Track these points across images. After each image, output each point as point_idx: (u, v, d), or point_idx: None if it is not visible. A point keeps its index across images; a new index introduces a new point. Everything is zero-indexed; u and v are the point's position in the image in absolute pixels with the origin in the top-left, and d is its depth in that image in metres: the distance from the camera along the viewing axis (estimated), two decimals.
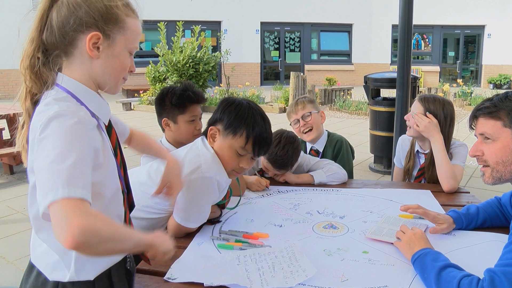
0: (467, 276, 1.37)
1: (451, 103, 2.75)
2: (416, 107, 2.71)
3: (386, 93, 7.05)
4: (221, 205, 2.05)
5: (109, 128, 1.33)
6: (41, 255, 1.28)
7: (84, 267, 1.26)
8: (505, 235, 1.81)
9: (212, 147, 1.86)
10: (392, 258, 1.69)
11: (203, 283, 1.47)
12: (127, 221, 1.40)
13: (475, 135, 1.70)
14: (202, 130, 2.13)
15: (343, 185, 2.66)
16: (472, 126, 1.70)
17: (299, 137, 3.03)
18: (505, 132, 1.57)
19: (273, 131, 2.55)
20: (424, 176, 2.78)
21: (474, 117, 1.68)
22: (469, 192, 2.55)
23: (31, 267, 1.32)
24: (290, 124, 3.08)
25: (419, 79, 6.62)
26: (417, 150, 2.83)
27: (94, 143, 1.18)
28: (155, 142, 1.73)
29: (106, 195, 1.25)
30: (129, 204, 1.43)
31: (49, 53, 1.23)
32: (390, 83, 6.09)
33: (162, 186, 1.60)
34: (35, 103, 1.23)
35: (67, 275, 1.25)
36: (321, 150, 3.06)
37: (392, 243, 1.79)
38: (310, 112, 3.00)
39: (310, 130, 3.00)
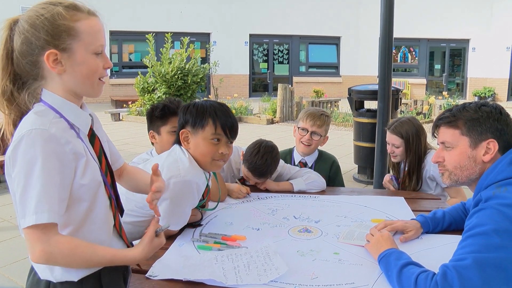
0: (424, 272, 1.50)
1: (413, 116, 3.07)
2: (391, 138, 2.95)
3: (372, 105, 7.19)
4: (202, 206, 2.15)
5: (92, 137, 1.41)
6: None
7: (69, 269, 1.33)
8: None
9: (188, 150, 1.98)
10: (360, 258, 1.81)
11: (182, 279, 1.57)
12: (117, 225, 1.49)
13: (438, 143, 1.83)
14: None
15: (321, 192, 2.78)
16: (435, 134, 1.84)
17: (294, 145, 3.16)
18: (463, 139, 1.70)
19: (257, 142, 2.71)
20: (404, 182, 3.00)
21: (436, 126, 1.82)
22: (440, 199, 2.69)
23: (31, 266, 1.41)
24: (298, 126, 3.09)
25: (401, 91, 6.78)
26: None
27: (77, 154, 1.29)
28: (146, 177, 1.66)
29: (88, 199, 1.34)
30: (119, 209, 1.52)
31: (23, 80, 1.33)
32: (373, 95, 6.20)
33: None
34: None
35: (53, 274, 1.33)
36: (310, 164, 3.14)
37: (362, 246, 1.91)
38: (321, 135, 3.07)
39: (309, 145, 3.08)
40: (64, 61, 1.28)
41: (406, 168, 2.97)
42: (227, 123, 1.97)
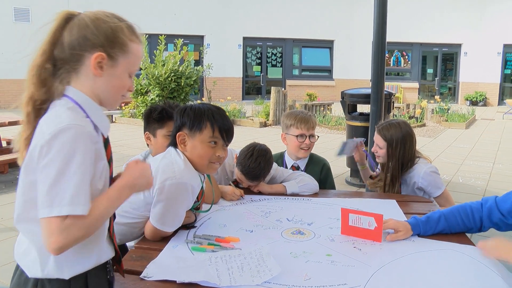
0: None
1: (406, 122, 3.02)
2: (376, 139, 2.96)
3: (364, 108, 7.23)
4: (196, 208, 2.17)
5: (106, 142, 1.44)
6: (23, 253, 1.38)
7: (61, 266, 1.34)
8: (457, 244, 1.98)
9: (184, 152, 2.00)
10: (353, 260, 1.83)
11: (175, 281, 1.59)
12: (111, 229, 1.50)
13: None
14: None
15: (314, 194, 2.80)
16: None
17: (282, 150, 3.19)
18: None
19: (251, 145, 2.73)
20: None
21: None
22: (432, 202, 2.72)
23: (16, 265, 1.41)
24: (294, 134, 3.07)
25: (394, 95, 6.83)
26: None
27: (99, 155, 1.33)
28: None
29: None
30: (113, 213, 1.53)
31: (58, 67, 1.36)
32: (365, 98, 6.25)
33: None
34: (40, 109, 1.35)
35: (44, 271, 1.33)
36: (302, 168, 3.15)
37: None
38: (318, 136, 3.13)
39: (309, 149, 3.11)
40: (105, 67, 1.36)
41: (389, 174, 2.96)
42: (224, 126, 2.00)
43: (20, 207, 1.33)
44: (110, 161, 1.45)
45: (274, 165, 2.88)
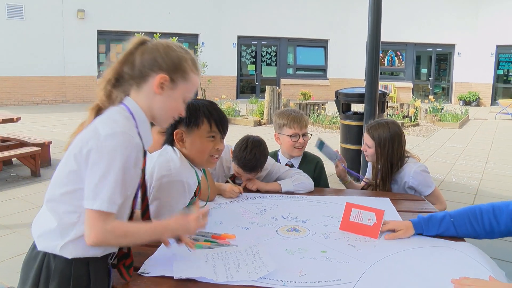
0: None
1: (395, 122, 3.02)
2: (365, 138, 2.98)
3: (359, 107, 7.26)
4: (193, 204, 2.19)
5: (144, 154, 1.58)
6: (39, 228, 1.51)
7: (69, 245, 1.45)
8: (450, 241, 2.00)
9: (183, 149, 2.03)
10: (347, 256, 1.85)
11: (173, 276, 1.61)
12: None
13: None
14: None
15: (309, 192, 2.82)
16: None
17: (279, 149, 3.22)
18: None
19: (244, 137, 2.75)
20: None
21: None
22: (424, 200, 2.75)
23: (33, 242, 1.53)
24: (287, 134, 3.08)
25: (388, 95, 6.86)
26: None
27: (138, 163, 1.49)
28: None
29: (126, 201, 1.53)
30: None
31: (123, 80, 1.55)
32: (360, 98, 6.28)
33: None
34: (99, 113, 1.53)
35: (55, 246, 1.45)
36: (296, 166, 3.17)
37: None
38: (311, 134, 3.16)
39: (302, 147, 3.14)
40: (165, 89, 1.55)
41: (379, 173, 2.98)
42: (220, 120, 2.06)
43: (55, 188, 1.48)
44: (143, 170, 1.60)
45: (271, 160, 2.91)
